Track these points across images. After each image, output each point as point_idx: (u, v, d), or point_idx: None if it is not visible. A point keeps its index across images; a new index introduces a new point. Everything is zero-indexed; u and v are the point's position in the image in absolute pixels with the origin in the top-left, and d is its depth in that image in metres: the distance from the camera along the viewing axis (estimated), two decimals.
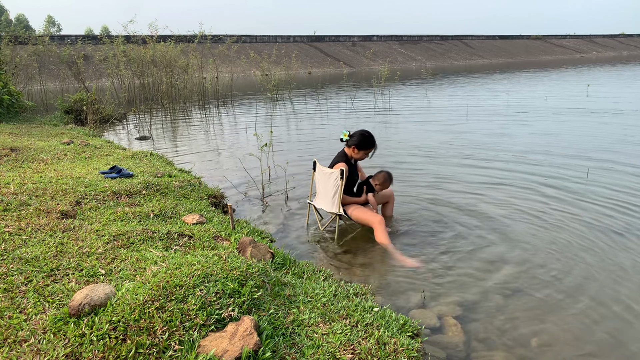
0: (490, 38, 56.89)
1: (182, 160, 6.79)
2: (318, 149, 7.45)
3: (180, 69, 16.00)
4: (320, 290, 2.51)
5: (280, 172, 5.70)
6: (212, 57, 18.55)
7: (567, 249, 3.51)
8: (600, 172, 5.47)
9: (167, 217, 3.41)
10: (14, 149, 5.42)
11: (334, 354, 1.90)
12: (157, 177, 4.53)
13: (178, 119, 12.02)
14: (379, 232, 3.66)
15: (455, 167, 5.98)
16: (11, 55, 14.54)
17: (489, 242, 3.68)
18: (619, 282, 3.01)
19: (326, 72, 33.90)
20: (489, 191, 4.95)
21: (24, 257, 2.38)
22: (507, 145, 7.22)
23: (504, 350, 2.37)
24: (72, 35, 31.34)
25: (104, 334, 1.70)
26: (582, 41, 62.55)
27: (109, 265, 2.40)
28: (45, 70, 18.37)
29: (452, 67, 37.17)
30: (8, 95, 9.51)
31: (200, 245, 2.82)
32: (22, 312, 1.90)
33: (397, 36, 50.03)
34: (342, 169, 3.65)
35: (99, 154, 5.81)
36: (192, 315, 1.84)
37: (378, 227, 3.67)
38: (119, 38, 16.43)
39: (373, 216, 3.75)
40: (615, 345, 2.41)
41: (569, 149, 6.81)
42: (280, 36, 42.65)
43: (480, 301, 2.83)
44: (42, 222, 2.93)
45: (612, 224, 3.94)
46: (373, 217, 3.74)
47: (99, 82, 24.18)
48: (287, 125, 10.11)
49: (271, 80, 16.29)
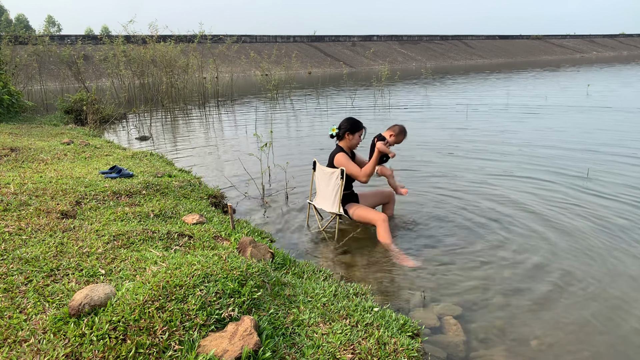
0: (490, 38, 56.89)
1: (182, 160, 6.79)
2: (318, 149, 7.45)
3: (180, 69, 16.00)
4: (320, 290, 2.51)
5: (280, 172, 5.70)
6: (212, 57, 18.55)
7: (567, 249, 3.51)
8: (601, 171, 5.47)
9: (167, 217, 3.41)
10: (14, 149, 5.42)
11: (334, 354, 1.90)
12: (157, 177, 4.53)
13: (178, 119, 12.02)
14: (381, 231, 3.66)
15: (455, 167, 5.97)
16: (11, 55, 14.53)
17: (489, 242, 3.68)
18: (619, 283, 3.01)
19: (326, 72, 33.90)
20: (489, 191, 4.94)
21: (24, 257, 2.38)
22: (507, 144, 7.21)
23: (504, 350, 2.37)
24: (72, 35, 31.34)
25: (104, 334, 1.70)
26: (582, 41, 62.56)
27: (109, 265, 2.40)
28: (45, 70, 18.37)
29: (452, 67, 37.17)
30: (8, 95, 9.51)
31: (200, 245, 2.82)
32: (22, 312, 1.90)
33: (397, 36, 50.03)
34: (342, 169, 3.65)
35: (99, 154, 5.81)
36: (192, 315, 1.84)
37: (381, 225, 3.66)
38: (119, 38, 16.43)
39: (376, 214, 3.72)
40: (616, 346, 2.41)
41: (569, 148, 6.81)
42: (280, 36, 42.66)
43: (480, 301, 2.83)
44: (42, 222, 2.93)
45: (614, 224, 3.93)
46: (376, 215, 3.71)
47: (99, 82, 24.18)
48: (287, 125, 10.11)
49: (271, 80, 16.29)
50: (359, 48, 44.14)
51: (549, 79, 21.73)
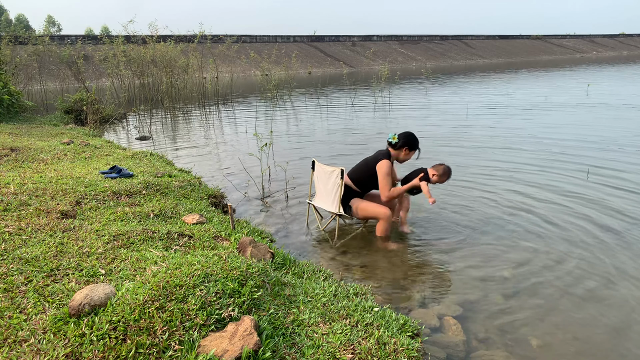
0: (490, 38, 56.87)
1: (182, 160, 6.79)
2: (318, 148, 7.45)
3: (180, 69, 16.00)
4: (320, 290, 2.51)
5: (280, 172, 5.70)
6: (212, 57, 18.54)
7: (567, 249, 3.51)
8: (601, 172, 5.46)
9: (167, 217, 3.41)
10: (14, 149, 5.42)
11: (334, 353, 1.90)
12: (157, 177, 4.53)
13: (178, 119, 12.02)
14: (382, 225, 3.70)
15: (454, 166, 5.96)
16: (11, 55, 14.54)
17: (489, 242, 3.68)
18: (620, 282, 3.01)
19: (326, 72, 33.89)
20: (489, 190, 4.94)
21: (24, 257, 2.38)
22: (507, 143, 7.22)
23: (504, 350, 2.37)
24: (72, 35, 31.31)
25: (104, 334, 1.70)
26: (582, 41, 62.52)
27: (109, 265, 2.40)
28: (45, 70, 18.36)
29: (452, 67, 37.16)
30: (8, 95, 9.50)
31: (200, 245, 2.82)
32: (22, 312, 1.90)
33: (397, 36, 50.00)
34: (342, 169, 3.65)
35: (99, 154, 5.81)
36: (192, 315, 1.84)
37: (385, 220, 3.69)
38: (119, 38, 16.43)
39: (381, 208, 3.72)
40: (616, 346, 2.41)
41: (569, 149, 6.81)
42: (280, 36, 42.64)
43: (480, 301, 2.84)
44: (42, 222, 2.93)
45: (615, 224, 3.94)
46: (381, 209, 3.71)
47: (99, 82, 24.18)
48: (287, 125, 10.11)
49: (271, 80, 16.29)
50: (359, 48, 44.14)
51: (548, 79, 21.72)
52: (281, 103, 14.77)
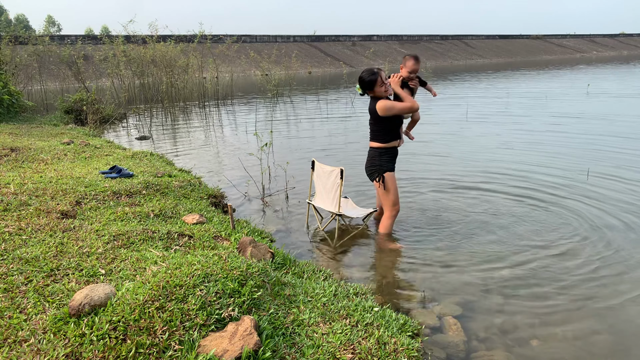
0: (490, 38, 56.84)
1: (182, 160, 6.79)
2: (318, 148, 7.45)
3: (180, 69, 15.98)
4: (320, 290, 2.51)
5: (280, 172, 5.70)
6: (212, 57, 18.53)
7: (567, 249, 3.51)
8: (601, 173, 5.46)
9: (167, 217, 3.41)
10: (14, 149, 5.42)
11: (334, 353, 1.90)
12: (157, 177, 4.53)
13: (178, 119, 12.01)
14: (387, 221, 3.73)
15: (455, 166, 5.97)
16: (11, 55, 14.52)
17: (489, 242, 3.68)
18: (621, 283, 3.01)
19: (326, 72, 33.89)
20: (489, 190, 4.94)
21: (24, 257, 2.38)
22: (507, 143, 7.21)
23: (504, 350, 2.37)
24: (72, 35, 31.30)
25: (104, 334, 1.70)
26: (582, 41, 62.51)
27: (109, 265, 2.40)
28: (45, 70, 18.32)
29: (452, 67, 37.16)
30: (8, 95, 9.51)
31: (200, 245, 2.82)
32: (22, 312, 1.90)
33: (397, 36, 49.99)
34: (342, 169, 3.65)
35: (99, 154, 5.81)
36: (192, 315, 1.84)
37: (392, 216, 3.72)
38: (119, 38, 16.41)
39: (397, 203, 3.72)
40: (616, 346, 2.40)
41: (569, 149, 6.81)
42: (280, 36, 42.62)
43: (480, 301, 2.83)
44: (42, 222, 2.93)
45: (616, 224, 3.93)
46: (396, 204, 3.71)
47: (99, 82, 24.16)
48: (287, 125, 10.11)
49: (271, 80, 16.28)
50: (359, 48, 44.12)
51: (549, 78, 21.72)
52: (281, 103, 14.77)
